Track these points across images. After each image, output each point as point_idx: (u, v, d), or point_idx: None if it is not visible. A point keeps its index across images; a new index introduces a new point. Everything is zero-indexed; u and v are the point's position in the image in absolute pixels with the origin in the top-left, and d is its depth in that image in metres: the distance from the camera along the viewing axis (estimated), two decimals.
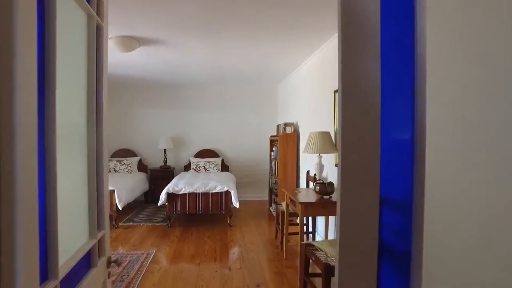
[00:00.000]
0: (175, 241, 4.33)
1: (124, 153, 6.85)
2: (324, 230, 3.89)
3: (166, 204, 4.96)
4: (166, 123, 7.07)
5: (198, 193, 4.96)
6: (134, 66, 5.32)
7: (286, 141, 5.32)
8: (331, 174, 3.80)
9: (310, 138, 3.52)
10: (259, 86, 7.14)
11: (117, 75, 5.91)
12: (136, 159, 6.78)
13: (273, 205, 5.71)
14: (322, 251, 2.53)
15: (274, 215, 5.51)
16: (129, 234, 4.60)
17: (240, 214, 5.75)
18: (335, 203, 2.90)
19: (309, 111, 4.78)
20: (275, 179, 5.84)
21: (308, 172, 4.34)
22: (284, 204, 4.07)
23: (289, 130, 5.37)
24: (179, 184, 4.98)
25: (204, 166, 6.60)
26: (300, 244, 2.86)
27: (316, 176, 3.60)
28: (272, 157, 5.97)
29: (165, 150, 6.80)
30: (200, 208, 4.98)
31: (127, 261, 3.58)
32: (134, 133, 7.03)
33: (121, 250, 3.98)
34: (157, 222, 5.18)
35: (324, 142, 3.41)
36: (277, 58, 4.79)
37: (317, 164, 3.56)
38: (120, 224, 5.07)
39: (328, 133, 3.48)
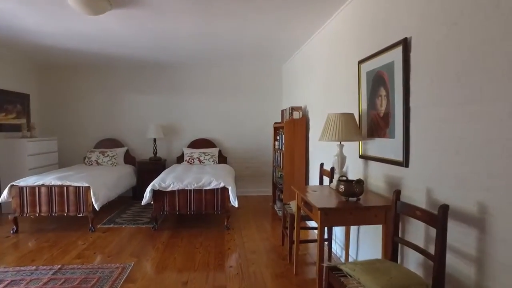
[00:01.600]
0: (160, 249, 3.57)
1: (108, 143, 6.06)
2: (344, 238, 3.12)
3: (152, 203, 4.19)
4: (155, 109, 6.26)
5: (189, 190, 4.18)
6: (112, 41, 4.49)
7: (293, 128, 4.51)
8: (353, 168, 3.00)
9: (328, 121, 2.71)
10: (261, 67, 6.30)
11: (94, 53, 5.07)
12: (122, 150, 5.99)
13: (278, 203, 4.93)
14: (354, 279, 1.75)
15: (279, 215, 4.74)
16: (106, 240, 3.83)
17: (239, 213, 4.98)
18: (368, 208, 2.12)
19: (322, 90, 3.96)
20: (280, 173, 5.06)
21: (321, 165, 3.54)
22: (293, 205, 3.29)
23: (296, 115, 4.56)
24: (167, 180, 4.19)
25: (198, 158, 5.81)
26: (320, 266, 2.09)
27: (336, 170, 2.80)
28: (277, 147, 5.18)
29: (154, 140, 6.00)
30: (192, 208, 4.21)
31: (95, 279, 2.82)
32: (120, 121, 6.22)
33: (85, 264, 3.21)
34: (143, 224, 4.41)
35: (347, 126, 2.60)
36: (282, 28, 3.96)
37: (337, 156, 2.76)
38: (99, 226, 4.30)
39: (351, 115, 2.67)
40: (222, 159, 6.21)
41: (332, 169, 3.16)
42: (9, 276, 2.93)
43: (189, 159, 5.84)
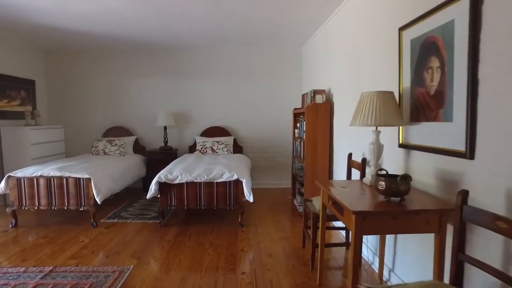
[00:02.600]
0: (165, 248, 3.18)
1: (117, 132, 5.72)
2: (377, 241, 2.61)
3: (158, 196, 3.80)
4: (166, 95, 5.85)
5: (199, 183, 3.76)
6: (115, 20, 4.08)
7: (315, 114, 3.99)
8: (390, 160, 2.47)
9: (362, 102, 2.19)
10: (279, 50, 5.76)
11: (100, 35, 4.69)
12: (131, 139, 5.63)
13: (298, 197, 4.46)
14: None
15: (299, 210, 4.27)
16: (108, 237, 3.48)
17: (255, 207, 4.54)
18: (417, 212, 1.61)
19: (350, 70, 3.41)
20: (300, 164, 4.57)
21: (350, 156, 3.02)
22: (317, 202, 2.80)
23: (319, 99, 4.03)
24: (174, 171, 3.79)
25: (211, 147, 5.39)
26: None
27: (370, 162, 2.29)
28: (297, 135, 4.67)
29: (165, 128, 5.61)
30: (202, 203, 3.79)
31: (87, 285, 2.45)
32: (129, 109, 5.86)
33: (80, 266, 2.85)
34: (149, 219, 4.04)
35: (386, 107, 2.07)
36: (298, 5, 3.45)
37: (373, 144, 2.24)
38: (102, 221, 3.97)
39: (391, 94, 2.14)
40: (237, 148, 5.76)
41: (364, 160, 2.65)
42: None
43: (201, 148, 5.43)
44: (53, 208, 3.74)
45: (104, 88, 5.82)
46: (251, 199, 3.72)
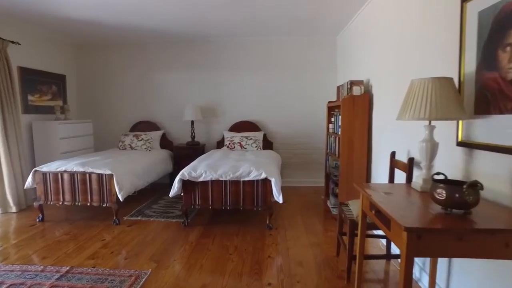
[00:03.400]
0: (186, 251, 2.96)
1: (144, 126, 5.63)
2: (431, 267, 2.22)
3: (182, 194, 3.61)
4: (194, 89, 5.66)
5: (225, 181, 3.51)
6: (145, 11, 3.95)
7: (352, 107, 3.59)
8: (445, 161, 2.06)
9: (412, 91, 1.81)
10: (311, 40, 5.37)
11: (127, 27, 4.56)
12: (158, 133, 5.51)
13: (332, 199, 4.09)
14: None
15: (333, 213, 3.91)
16: (129, 236, 3.33)
17: (285, 208, 4.24)
18: (492, 232, 1.23)
19: (394, 55, 2.99)
20: (334, 162, 4.19)
21: (393, 155, 2.63)
22: (354, 207, 2.45)
23: (356, 91, 3.63)
24: (198, 168, 3.56)
25: (239, 143, 5.13)
26: None
27: (422, 164, 1.90)
28: (331, 130, 4.29)
29: (192, 123, 5.43)
30: (227, 202, 3.55)
31: None
32: (156, 102, 5.75)
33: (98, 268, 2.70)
34: (173, 218, 3.86)
35: (443, 97, 1.68)
36: None
37: (426, 142, 1.85)
38: (125, 218, 3.84)
39: (449, 81, 1.74)
40: (267, 144, 5.47)
41: (412, 160, 2.25)
42: (12, 277, 2.52)
43: (229, 144, 5.19)
44: (76, 204, 3.66)
45: (132, 82, 5.75)
46: (280, 200, 3.42)
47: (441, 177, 1.59)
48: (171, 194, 3.52)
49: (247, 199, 3.54)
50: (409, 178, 2.24)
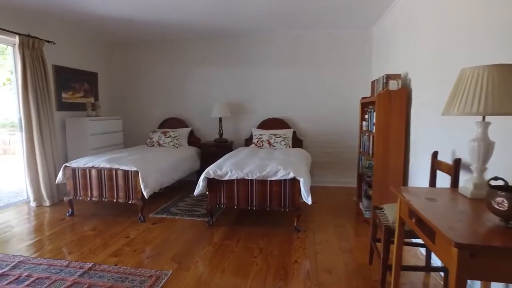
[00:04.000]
0: (209, 252, 2.86)
1: (173, 123, 5.62)
2: None
3: (207, 193, 3.51)
4: (222, 85, 5.57)
5: (251, 180, 3.37)
6: (174, 7, 3.87)
7: (388, 102, 3.32)
8: (503, 164, 1.78)
9: (462, 81, 1.56)
10: (343, 32, 5.09)
11: (158, 24, 4.54)
12: (185, 130, 5.48)
13: (365, 201, 3.83)
14: None
15: (366, 216, 3.66)
16: (153, 234, 3.28)
17: (314, 209, 4.03)
18: None
19: (438, 45, 2.69)
20: (368, 162, 3.93)
21: (434, 155, 2.36)
22: (390, 212, 2.22)
23: (393, 85, 3.35)
24: (224, 166, 3.45)
25: (268, 140, 4.98)
26: None
27: (473, 166, 1.65)
28: (364, 127, 4.03)
29: (220, 120, 5.35)
30: (253, 202, 3.41)
31: None
32: (185, 99, 5.72)
33: (119, 266, 2.65)
34: (198, 216, 3.79)
35: (502, 88, 1.43)
36: None
37: (479, 141, 1.60)
38: (151, 215, 3.81)
39: (511, 68, 1.48)
40: (296, 142, 5.27)
41: (459, 162, 1.99)
42: (39, 271, 2.54)
43: (257, 141, 5.05)
44: (103, 200, 3.68)
45: (161, 79, 5.76)
46: (309, 201, 3.23)
47: (500, 182, 1.35)
48: (196, 192, 3.43)
49: (274, 200, 3.38)
50: (454, 182, 1.97)
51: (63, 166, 3.78)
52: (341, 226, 3.49)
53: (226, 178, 3.38)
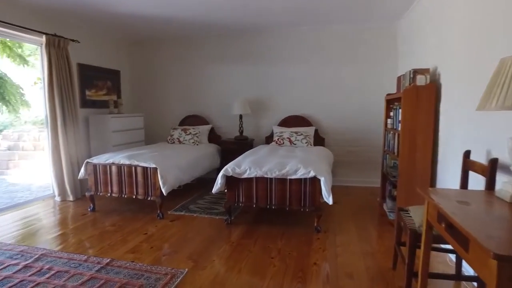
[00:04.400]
0: (226, 252, 2.81)
1: (193, 120, 5.63)
2: None
3: (225, 191, 3.47)
4: (243, 82, 5.52)
5: (270, 179, 3.29)
6: (186, 2, 3.84)
7: (415, 99, 3.14)
8: None
9: (502, 73, 1.41)
10: (367, 27, 4.90)
11: (174, 21, 4.53)
12: (206, 127, 5.47)
13: (389, 202, 3.66)
14: None
15: (390, 218, 3.49)
16: (171, 231, 3.27)
17: (335, 209, 3.90)
18: None
19: (473, 33, 2.51)
20: (393, 161, 3.76)
21: (466, 155, 2.19)
22: (416, 214, 2.08)
23: (421, 80, 3.16)
24: (243, 164, 3.39)
25: (289, 138, 4.87)
26: None
27: None
28: (389, 125, 3.85)
29: (240, 117, 5.29)
30: (272, 201, 3.33)
31: (136, 286, 2.21)
32: (205, 96, 5.71)
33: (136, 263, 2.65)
34: (216, 214, 3.75)
35: None
36: None
37: None
38: (169, 212, 3.81)
39: None
40: (318, 140, 5.13)
41: (495, 162, 1.82)
42: (59, 264, 2.59)
43: (278, 139, 4.96)
44: (123, 196, 3.71)
45: (182, 76, 5.78)
46: (330, 201, 3.11)
47: None
48: (214, 190, 3.39)
49: (293, 199, 3.28)
50: (490, 184, 1.81)
51: (85, 162, 3.84)
52: (364, 228, 3.34)
53: (245, 176, 3.32)
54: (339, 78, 5.10)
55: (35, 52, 4.85)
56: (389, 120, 3.90)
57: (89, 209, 3.90)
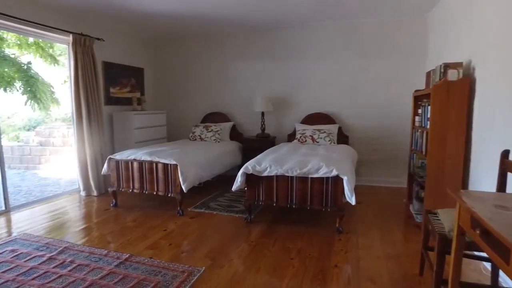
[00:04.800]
0: (245, 250, 2.76)
1: (215, 117, 5.62)
2: None
3: (245, 189, 3.42)
4: (265, 79, 5.44)
5: (291, 177, 3.21)
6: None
7: (445, 95, 2.96)
8: None
9: None
10: (395, 20, 4.69)
11: (196, 18, 4.52)
12: (228, 125, 5.45)
13: (416, 203, 3.49)
14: None
15: (417, 220, 3.33)
16: (190, 228, 3.26)
17: (358, 210, 3.77)
18: None
19: None
20: (420, 160, 3.58)
21: (505, 155, 2.01)
22: (446, 218, 1.95)
23: (452, 75, 2.97)
24: (263, 162, 3.33)
25: (311, 136, 4.76)
26: None
27: None
28: (417, 123, 3.66)
29: (262, 114, 5.23)
30: (293, 200, 3.25)
31: (152, 284, 2.20)
32: (228, 93, 5.69)
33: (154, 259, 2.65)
34: (236, 212, 3.71)
35: None
36: None
37: None
38: (190, 209, 3.81)
39: None
40: (342, 138, 4.98)
41: None
42: (81, 258, 2.64)
43: (300, 137, 4.86)
44: (144, 192, 3.74)
45: (205, 73, 5.79)
46: (353, 201, 2.99)
47: None
48: (234, 188, 3.35)
49: (315, 198, 3.19)
50: None
51: (107, 158, 3.91)
52: (388, 230, 3.20)
53: (265, 174, 3.25)
54: (364, 74, 4.93)
55: (65, 51, 5.02)
56: (416, 118, 3.71)
57: (111, 205, 3.96)
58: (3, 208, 3.79)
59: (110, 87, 4.98)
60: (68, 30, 4.19)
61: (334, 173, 3.04)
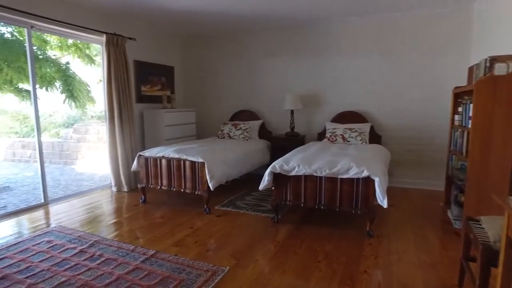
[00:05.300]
0: (270, 251, 2.69)
1: (244, 115, 5.59)
2: None
3: (273, 188, 3.35)
4: (295, 76, 5.34)
5: (320, 177, 3.10)
6: None
7: (491, 91, 2.72)
8: None
9: None
10: (434, 12, 4.41)
11: (226, 16, 4.50)
12: (257, 123, 5.40)
13: (454, 208, 3.25)
14: None
15: (455, 226, 3.11)
16: (216, 227, 3.24)
17: (391, 213, 3.59)
18: None
19: None
20: (460, 162, 3.34)
21: None
22: (490, 227, 1.78)
23: (500, 69, 2.73)
24: (291, 161, 3.24)
25: (342, 135, 4.60)
26: None
27: None
28: (457, 122, 3.42)
29: (292, 112, 5.13)
30: (321, 201, 3.13)
31: (176, 282, 2.19)
32: (257, 91, 5.64)
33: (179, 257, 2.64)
34: (263, 212, 3.65)
35: None
36: None
37: None
38: (216, 207, 3.80)
39: None
40: (374, 138, 4.77)
41: None
42: (109, 252, 2.69)
43: (330, 136, 4.71)
44: (172, 189, 3.78)
45: (234, 71, 5.77)
46: (384, 204, 2.84)
47: None
48: (261, 187, 3.29)
49: (344, 200, 3.06)
50: None
51: (137, 155, 3.99)
52: (423, 236, 3.01)
53: (293, 173, 3.16)
54: (398, 71, 4.69)
55: (100, 51, 5.23)
56: (456, 116, 3.47)
57: (140, 201, 4.04)
58: (42, 200, 3.98)
59: (141, 86, 5.09)
60: (102, 31, 4.31)
61: (365, 174, 2.90)
